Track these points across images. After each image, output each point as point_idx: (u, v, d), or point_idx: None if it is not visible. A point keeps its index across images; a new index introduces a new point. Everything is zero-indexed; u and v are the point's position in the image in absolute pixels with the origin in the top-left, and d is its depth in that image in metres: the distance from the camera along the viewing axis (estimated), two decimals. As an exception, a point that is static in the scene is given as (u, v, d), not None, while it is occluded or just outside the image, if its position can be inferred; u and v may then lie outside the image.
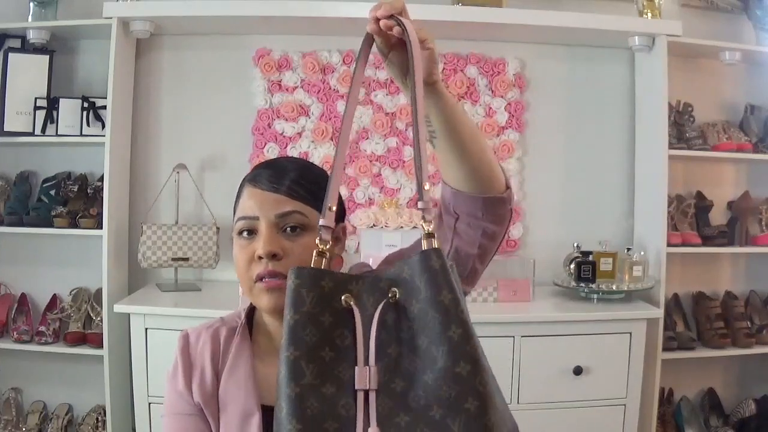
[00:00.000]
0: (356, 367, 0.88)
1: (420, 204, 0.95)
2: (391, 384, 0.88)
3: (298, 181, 1.12)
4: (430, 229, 0.93)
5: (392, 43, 1.00)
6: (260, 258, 1.08)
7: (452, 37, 2.84)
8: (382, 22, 0.97)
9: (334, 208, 0.98)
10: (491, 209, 1.08)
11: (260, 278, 1.09)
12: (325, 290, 0.90)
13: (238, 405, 1.10)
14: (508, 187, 1.09)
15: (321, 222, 0.97)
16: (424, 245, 0.92)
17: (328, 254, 0.96)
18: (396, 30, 0.96)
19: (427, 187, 0.94)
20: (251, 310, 1.21)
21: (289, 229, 1.10)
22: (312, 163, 1.23)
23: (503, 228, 1.12)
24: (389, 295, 0.91)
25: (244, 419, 1.09)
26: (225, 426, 1.10)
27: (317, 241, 0.96)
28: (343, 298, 0.91)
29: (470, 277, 1.13)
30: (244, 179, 1.16)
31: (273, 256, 1.08)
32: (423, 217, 0.94)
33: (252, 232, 1.10)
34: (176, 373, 1.15)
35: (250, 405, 1.09)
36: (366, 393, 0.87)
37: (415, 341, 0.88)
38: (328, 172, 1.02)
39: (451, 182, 1.09)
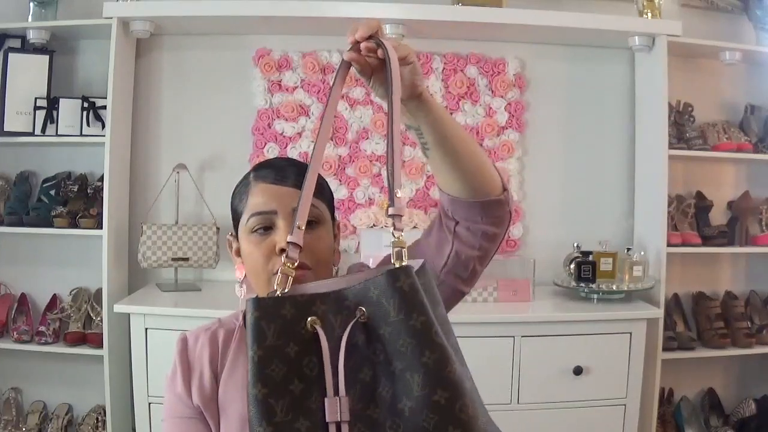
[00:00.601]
0: (326, 399, 0.83)
1: (390, 210, 0.90)
2: (367, 411, 0.84)
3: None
4: (400, 237, 0.88)
5: (373, 66, 0.98)
6: (282, 252, 1.07)
7: (452, 37, 2.85)
8: (363, 45, 0.95)
9: (303, 227, 0.94)
10: (489, 212, 1.07)
11: None
12: (287, 318, 0.85)
13: (238, 407, 1.10)
14: (505, 189, 1.09)
15: (289, 239, 0.93)
16: (393, 257, 0.87)
17: (293, 273, 0.91)
18: (379, 52, 0.95)
19: (399, 194, 0.90)
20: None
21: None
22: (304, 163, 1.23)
23: (503, 229, 1.11)
24: (357, 315, 0.86)
25: (244, 421, 1.08)
26: (226, 428, 1.10)
27: (283, 258, 0.92)
28: (308, 321, 0.86)
29: (470, 278, 1.14)
30: (247, 178, 1.16)
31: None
32: (393, 225, 0.90)
33: (268, 227, 1.10)
34: (175, 377, 1.15)
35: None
36: (338, 425, 0.82)
37: (389, 366, 0.84)
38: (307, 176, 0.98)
39: (446, 189, 1.09)
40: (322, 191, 1.16)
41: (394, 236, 0.88)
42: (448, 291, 1.12)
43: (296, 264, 0.93)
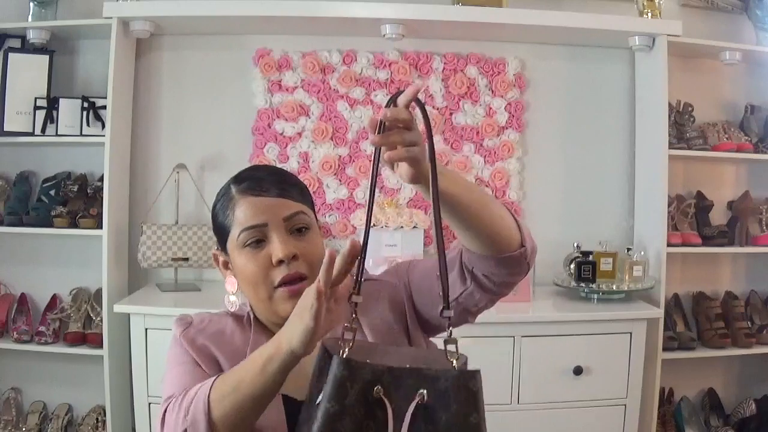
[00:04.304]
0: None
1: (445, 312, 0.98)
2: None
3: (291, 182, 1.16)
4: (454, 338, 0.97)
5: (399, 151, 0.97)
6: (280, 263, 1.09)
7: (452, 37, 2.85)
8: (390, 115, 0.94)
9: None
10: (505, 266, 1.07)
11: (284, 283, 1.09)
12: (365, 382, 0.92)
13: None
14: (523, 245, 1.08)
15: (354, 299, 0.97)
16: (452, 361, 0.95)
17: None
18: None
19: (447, 313, 0.98)
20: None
21: (296, 230, 1.13)
22: (284, 169, 1.24)
23: (518, 279, 1.12)
24: (418, 396, 0.92)
25: (268, 411, 1.08)
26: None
27: (352, 317, 0.96)
28: (375, 389, 0.92)
29: (477, 312, 1.17)
30: (228, 192, 1.16)
31: (293, 258, 1.10)
32: (449, 329, 0.98)
33: (260, 240, 1.11)
34: (178, 341, 1.16)
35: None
36: None
37: None
38: None
39: (462, 243, 1.09)
40: (306, 197, 1.18)
41: (447, 337, 0.97)
42: (453, 319, 1.14)
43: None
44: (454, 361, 0.95)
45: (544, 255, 2.82)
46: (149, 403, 2.37)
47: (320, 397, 0.91)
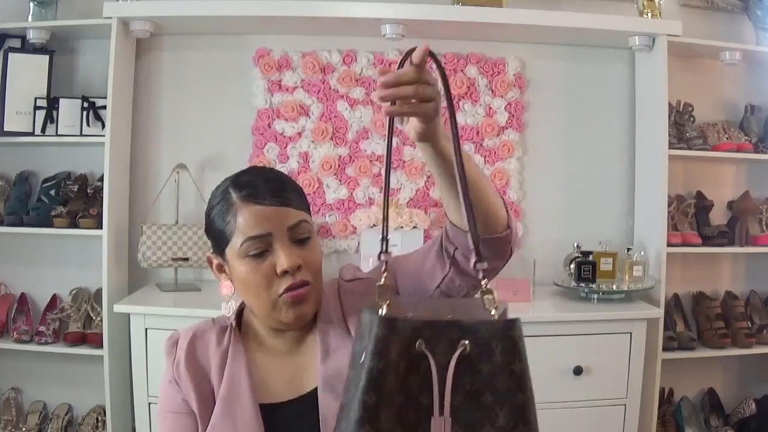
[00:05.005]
0: (432, 418, 0.91)
1: (478, 265, 0.97)
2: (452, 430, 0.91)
3: (292, 188, 1.15)
4: (490, 288, 0.97)
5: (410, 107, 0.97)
6: (284, 273, 1.09)
7: (452, 37, 2.85)
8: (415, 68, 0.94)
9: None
10: (489, 247, 1.07)
11: (288, 290, 1.09)
12: (407, 337, 0.92)
13: (239, 406, 1.11)
14: (508, 227, 1.08)
15: (383, 257, 0.98)
16: (491, 310, 0.95)
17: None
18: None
19: (481, 265, 0.97)
20: (239, 313, 1.22)
21: (300, 239, 1.12)
22: (282, 172, 1.23)
23: (501, 264, 1.12)
24: (460, 347, 0.92)
25: (244, 419, 1.09)
26: (226, 426, 1.10)
27: (383, 274, 0.96)
28: (417, 343, 0.92)
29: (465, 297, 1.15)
30: (227, 197, 1.12)
31: (297, 268, 1.09)
32: (484, 278, 0.97)
33: (264, 251, 1.10)
34: (168, 372, 1.17)
35: (250, 405, 1.10)
36: None
37: (479, 396, 0.92)
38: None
39: (449, 216, 1.09)
40: (304, 200, 1.17)
41: (483, 286, 0.97)
42: None
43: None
44: (493, 310, 0.95)
45: (544, 255, 2.87)
46: (149, 403, 2.37)
47: (363, 357, 0.91)
